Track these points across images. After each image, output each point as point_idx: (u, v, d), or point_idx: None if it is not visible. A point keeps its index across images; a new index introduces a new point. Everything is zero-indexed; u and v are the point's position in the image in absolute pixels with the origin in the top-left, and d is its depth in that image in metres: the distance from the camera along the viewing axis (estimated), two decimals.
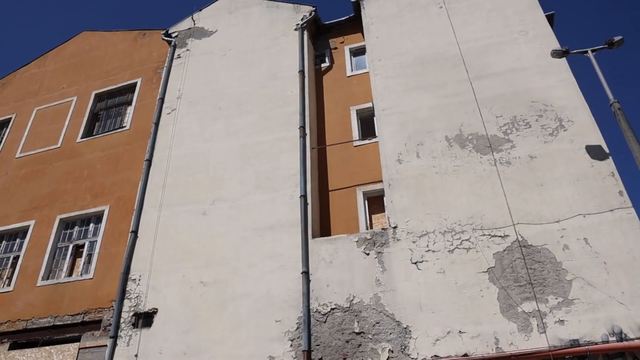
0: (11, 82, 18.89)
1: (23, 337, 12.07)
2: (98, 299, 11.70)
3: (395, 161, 10.58)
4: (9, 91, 18.59)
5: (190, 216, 11.62)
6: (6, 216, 14.65)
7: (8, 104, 18.15)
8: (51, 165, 15.19)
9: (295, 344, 9.29)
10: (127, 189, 13.27)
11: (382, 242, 9.77)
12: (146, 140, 13.83)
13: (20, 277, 13.04)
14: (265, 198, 11.23)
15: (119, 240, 12.34)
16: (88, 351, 11.03)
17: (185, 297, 10.54)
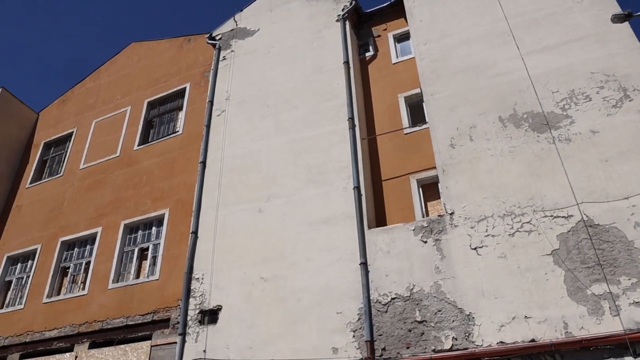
0: (70, 98, 19.80)
1: (100, 336, 12.70)
2: (165, 299, 12.14)
3: (447, 146, 10.36)
4: (69, 106, 19.50)
5: (247, 214, 11.83)
6: (75, 225, 15.42)
7: (69, 118, 19.04)
8: (112, 174, 15.85)
9: (357, 334, 9.31)
10: (185, 191, 13.66)
11: (440, 229, 9.62)
12: (199, 143, 14.18)
13: (93, 281, 13.73)
14: (318, 192, 11.28)
15: (181, 242, 12.74)
16: (159, 348, 11.48)
17: (247, 293, 10.77)
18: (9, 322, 14.65)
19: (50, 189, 17.24)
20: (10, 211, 17.76)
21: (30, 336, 13.93)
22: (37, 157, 18.83)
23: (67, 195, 16.51)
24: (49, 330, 13.67)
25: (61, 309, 13.85)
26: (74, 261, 14.97)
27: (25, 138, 19.71)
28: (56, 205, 16.53)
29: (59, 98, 20.12)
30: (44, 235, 15.98)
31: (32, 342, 13.83)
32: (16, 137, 19.36)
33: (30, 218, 16.93)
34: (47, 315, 14.03)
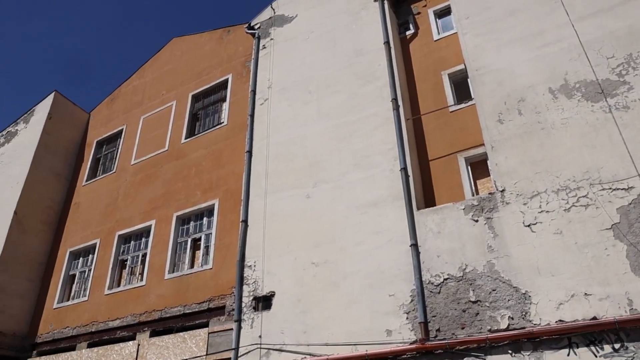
0: (118, 97, 20.40)
1: (159, 325, 13.17)
2: (219, 287, 12.43)
3: (495, 122, 10.07)
4: (118, 105, 20.09)
5: (295, 200, 11.92)
6: (130, 219, 15.97)
7: (118, 116, 19.64)
8: (162, 167, 16.27)
9: (410, 316, 9.27)
10: (233, 181, 13.89)
11: (491, 207, 9.41)
12: (244, 132, 14.34)
13: (150, 272, 14.21)
14: (365, 175, 11.23)
15: (232, 231, 12.99)
16: (216, 335, 11.79)
17: (298, 279, 10.89)
18: (76, 314, 15.40)
19: (105, 185, 17.90)
20: (69, 209, 18.57)
21: (96, 326, 14.60)
22: (90, 155, 19.55)
23: (121, 190, 17.09)
24: (112, 320, 14.28)
25: (122, 300, 14.43)
26: (131, 254, 15.54)
27: (79, 138, 20.48)
28: (111, 200, 17.15)
29: (108, 97, 20.76)
30: (102, 229, 16.64)
31: (97, 331, 14.50)
32: (70, 137, 20.15)
33: (88, 214, 17.65)
34: (110, 306, 14.65)
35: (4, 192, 18.42)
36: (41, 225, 17.99)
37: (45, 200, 18.44)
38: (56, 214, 18.61)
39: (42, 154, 18.83)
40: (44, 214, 18.21)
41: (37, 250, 17.62)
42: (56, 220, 18.53)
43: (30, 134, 19.56)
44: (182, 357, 12.01)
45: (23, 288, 16.78)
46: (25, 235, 17.38)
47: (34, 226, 17.73)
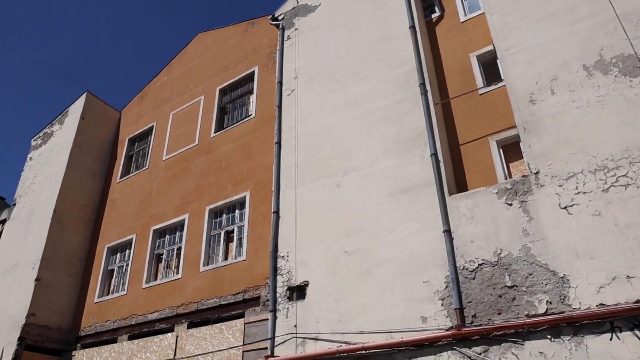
0: (147, 94, 20.71)
1: (196, 317, 13.41)
2: (254, 278, 12.56)
3: (527, 103, 9.81)
4: (147, 102, 20.40)
5: (325, 190, 11.92)
6: (165, 213, 16.25)
7: (148, 113, 19.94)
8: (193, 162, 16.48)
9: (446, 302, 9.19)
10: (263, 173, 13.97)
11: (525, 190, 9.20)
12: (272, 124, 14.38)
13: (186, 265, 14.46)
14: (395, 162, 11.13)
15: (264, 222, 13.08)
16: (252, 325, 11.93)
17: (331, 268, 10.91)
18: (116, 307, 15.81)
19: (138, 181, 18.25)
20: (105, 206, 19.02)
21: (135, 319, 14.96)
22: (123, 153, 19.95)
23: (154, 186, 17.39)
24: (151, 313, 14.61)
25: (159, 293, 14.73)
26: (167, 248, 15.83)
27: (112, 136, 20.90)
28: (145, 196, 17.48)
29: (137, 95, 21.10)
30: (137, 225, 16.99)
31: (137, 324, 14.86)
32: (103, 136, 20.59)
33: (123, 210, 18.05)
34: (148, 299, 14.99)
35: (43, 192, 18.98)
36: (79, 223, 18.49)
37: (82, 199, 18.92)
38: (93, 212, 19.09)
39: (77, 153, 19.29)
40: (81, 212, 18.70)
41: (77, 247, 18.13)
42: (93, 217, 19.01)
43: (65, 135, 20.07)
44: (220, 348, 12.21)
45: (65, 284, 17.32)
46: (65, 233, 17.90)
47: (72, 224, 18.24)
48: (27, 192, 19.96)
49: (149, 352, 13.84)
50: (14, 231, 19.09)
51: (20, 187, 20.65)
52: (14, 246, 18.52)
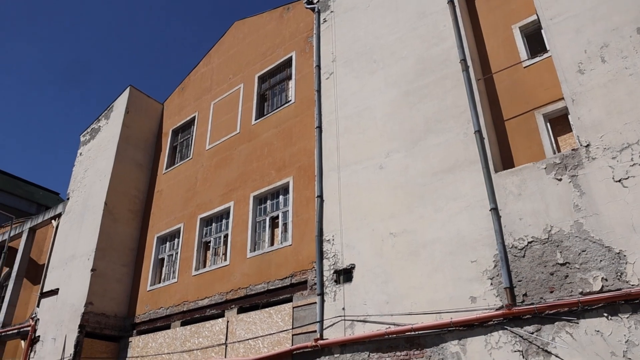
0: (188, 85, 21.03)
1: (246, 302, 13.68)
2: (300, 262, 12.69)
3: (575, 72, 9.41)
4: (188, 93, 20.73)
5: (368, 172, 11.86)
6: (210, 202, 16.57)
7: (190, 104, 20.28)
8: (236, 150, 16.69)
9: (495, 282, 9.04)
10: (305, 157, 14.01)
11: (575, 164, 8.89)
12: (312, 108, 14.38)
13: (233, 252, 14.73)
14: (438, 141, 10.95)
15: (308, 206, 13.15)
16: (301, 309, 12.07)
17: (377, 250, 10.89)
18: (168, 295, 16.31)
19: (183, 171, 18.65)
20: (153, 196, 19.55)
21: (187, 305, 15.39)
22: (167, 144, 20.40)
23: (199, 175, 17.73)
24: (201, 300, 14.99)
25: (209, 280, 15.09)
26: (214, 235, 16.16)
27: (156, 128, 21.40)
28: (191, 186, 17.86)
29: (178, 87, 21.47)
30: (185, 214, 17.40)
31: (189, 310, 15.29)
32: (148, 128, 21.10)
33: (170, 200, 18.51)
34: (198, 286, 15.38)
35: (94, 185, 19.66)
36: (129, 214, 19.10)
37: (131, 190, 19.51)
38: (142, 202, 19.67)
39: (123, 146, 19.86)
40: (131, 203, 19.30)
41: (128, 237, 18.75)
42: (142, 208, 19.59)
43: (111, 129, 20.67)
44: (269, 332, 12.43)
45: (119, 273, 17.97)
46: (117, 224, 18.53)
47: (123, 215, 18.85)
48: (79, 186, 20.73)
49: (201, 337, 14.24)
50: (69, 224, 19.91)
51: (72, 182, 21.47)
52: (70, 238, 19.32)
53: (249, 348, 12.76)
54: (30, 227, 22.41)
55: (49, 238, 21.61)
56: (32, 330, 18.35)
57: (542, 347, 8.14)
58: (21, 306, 21.34)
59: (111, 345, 16.94)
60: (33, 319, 18.73)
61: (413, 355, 9.53)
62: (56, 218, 21.21)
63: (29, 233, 22.36)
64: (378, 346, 10.07)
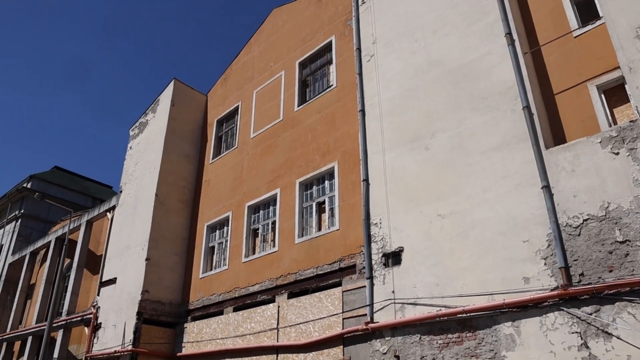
0: (230, 75, 21.24)
1: (295, 287, 13.83)
2: (348, 247, 12.70)
3: (633, 39, 8.85)
4: (231, 83, 20.95)
5: (414, 154, 11.69)
6: (257, 189, 16.78)
7: (233, 94, 20.50)
8: (280, 137, 16.78)
9: (549, 262, 8.77)
10: (349, 142, 13.94)
11: (633, 136, 8.45)
12: (354, 92, 14.26)
13: (281, 238, 14.89)
14: (485, 119, 10.65)
15: (354, 191, 13.11)
16: (350, 293, 12.11)
17: (426, 232, 10.76)
18: (220, 281, 16.69)
19: (229, 160, 18.93)
20: (201, 186, 19.96)
21: (238, 292, 15.71)
22: (213, 134, 20.74)
23: (245, 163, 17.96)
24: (252, 286, 15.26)
25: (259, 266, 15.33)
26: (262, 222, 16.38)
27: (201, 119, 21.77)
28: (237, 174, 18.12)
29: (221, 77, 21.73)
30: (232, 202, 17.70)
31: (240, 296, 15.61)
32: (193, 120, 21.50)
33: (218, 189, 18.85)
34: (248, 272, 15.65)
35: (144, 177, 20.25)
36: (179, 204, 19.59)
37: (180, 181, 19.99)
38: (190, 192, 20.13)
39: (171, 138, 20.32)
40: (180, 194, 19.78)
41: (179, 226, 19.26)
42: (191, 198, 20.05)
43: (158, 122, 21.18)
44: (320, 316, 12.54)
45: (172, 261, 18.51)
46: (168, 215, 19.05)
47: (173, 205, 19.36)
48: (131, 179, 21.40)
49: (253, 322, 14.52)
50: (123, 216, 20.62)
51: (124, 175, 22.18)
52: (125, 229, 20.02)
53: (301, 332, 12.92)
54: (87, 220, 23.37)
55: (105, 230, 22.46)
56: (94, 318, 19.21)
57: (602, 329, 7.86)
58: (83, 295, 22.38)
59: (168, 331, 17.53)
60: (94, 307, 19.60)
61: (465, 338, 9.41)
62: (111, 210, 22.01)
63: (86, 226, 23.33)
64: (429, 329, 9.99)
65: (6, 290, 29.72)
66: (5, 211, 35.17)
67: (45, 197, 25.43)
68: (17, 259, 29.99)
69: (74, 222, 23.90)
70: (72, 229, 23.79)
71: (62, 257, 23.09)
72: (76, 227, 23.87)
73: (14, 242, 31.42)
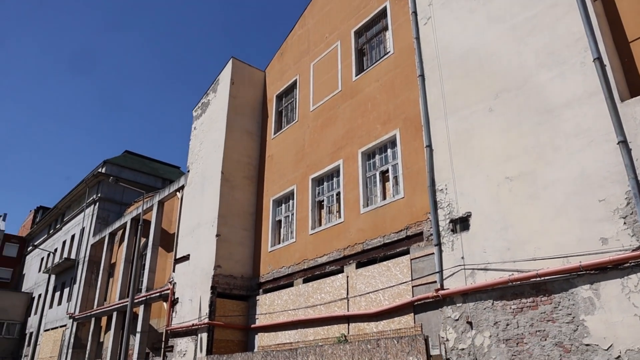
0: (286, 50, 21.28)
1: (363, 257, 13.94)
2: (414, 214, 12.61)
3: None
4: (288, 57, 21.00)
5: (477, 116, 11.35)
6: (320, 161, 16.90)
7: (290, 68, 20.56)
8: (339, 108, 16.74)
9: (629, 221, 8.33)
10: (410, 108, 13.71)
11: None
12: (413, 57, 13.94)
13: (346, 209, 14.99)
14: (552, 74, 10.13)
15: (417, 157, 12.95)
16: (419, 261, 12.07)
17: (494, 196, 10.49)
18: (288, 254, 17.07)
19: (291, 134, 19.12)
20: (265, 161, 20.33)
21: (307, 263, 16.03)
22: (273, 110, 20.97)
23: (306, 137, 18.09)
24: (320, 257, 15.51)
25: (325, 238, 15.53)
26: (326, 194, 16.53)
27: (260, 96, 22.04)
28: (299, 148, 18.30)
29: (277, 52, 21.81)
30: (296, 176, 17.94)
31: (309, 268, 15.92)
32: (253, 96, 21.80)
33: (281, 164, 19.14)
34: (315, 244, 15.91)
35: (210, 156, 20.85)
36: (245, 180, 20.08)
37: (244, 157, 20.44)
38: (255, 168, 20.56)
39: (233, 116, 20.74)
40: (245, 170, 20.25)
41: (246, 202, 19.78)
42: (256, 173, 20.49)
43: (220, 101, 21.64)
44: (389, 284, 12.60)
45: (241, 236, 19.10)
46: (234, 191, 19.59)
47: (239, 182, 19.87)
48: (197, 158, 22.10)
49: (323, 292, 14.80)
50: (192, 195, 21.39)
51: (190, 155, 22.93)
52: (194, 208, 20.80)
53: (370, 301, 13.06)
54: (158, 200, 24.45)
55: (176, 209, 23.42)
56: (171, 293, 20.23)
57: None
58: (160, 272, 23.57)
59: (241, 304, 18.20)
60: (171, 283, 20.61)
61: (540, 302, 9.18)
62: (180, 190, 22.89)
63: (158, 206, 24.42)
64: (502, 294, 9.82)
65: (90, 269, 31.81)
66: (84, 196, 37.36)
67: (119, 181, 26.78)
68: (97, 240, 31.96)
69: (147, 203, 25.06)
70: (146, 210, 24.96)
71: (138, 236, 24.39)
72: (149, 208, 25.03)
73: (94, 225, 33.44)
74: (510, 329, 9.49)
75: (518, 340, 9.31)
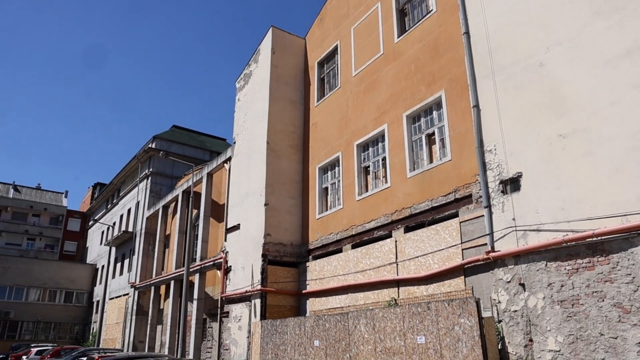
0: (325, 15, 20.92)
1: (411, 221, 13.82)
2: (462, 176, 12.34)
3: None
4: (327, 22, 20.66)
5: (527, 72, 10.85)
6: (364, 127, 16.72)
7: (330, 34, 20.23)
8: (382, 71, 16.41)
9: None
10: (455, 68, 13.27)
11: None
12: (457, 14, 13.42)
13: (392, 174, 14.84)
14: (609, 23, 9.52)
15: (464, 118, 12.59)
16: (468, 223, 11.86)
17: (546, 155, 10.10)
18: (336, 220, 17.15)
19: (334, 101, 18.95)
20: (309, 129, 20.30)
21: (355, 229, 16.06)
22: (315, 77, 20.79)
23: (349, 102, 17.89)
24: (367, 222, 15.50)
25: (372, 203, 15.47)
26: (372, 159, 16.39)
27: (302, 64, 21.86)
28: (343, 114, 18.14)
29: (317, 18, 21.47)
30: (341, 142, 17.84)
31: (357, 234, 15.96)
32: (294, 65, 21.65)
33: (325, 131, 19.06)
34: (363, 210, 15.89)
35: (255, 127, 20.99)
36: (290, 149, 20.15)
37: (288, 126, 20.47)
38: (299, 137, 20.57)
39: (275, 86, 20.70)
40: (289, 139, 20.31)
41: (292, 171, 19.90)
42: (300, 142, 20.51)
43: (262, 72, 21.61)
44: (438, 248, 12.48)
45: (289, 205, 19.30)
46: (280, 160, 19.72)
47: (284, 151, 19.97)
48: (242, 130, 22.30)
49: (372, 257, 14.83)
50: (239, 166, 21.69)
51: (235, 127, 23.16)
52: (242, 178, 21.11)
53: (420, 265, 12.99)
54: (207, 172, 24.94)
55: (224, 180, 23.85)
56: (224, 262, 20.79)
57: None
58: (212, 242, 24.22)
59: (292, 271, 18.51)
60: (223, 252, 21.17)
61: (597, 262, 8.87)
62: (227, 162, 23.25)
63: (207, 178, 24.93)
64: (555, 255, 9.55)
65: (147, 241, 33.08)
66: (137, 171, 38.58)
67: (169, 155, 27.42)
68: (152, 213, 33.10)
69: (196, 176, 25.63)
70: (195, 182, 25.55)
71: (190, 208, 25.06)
72: (199, 180, 25.60)
73: (147, 198, 34.59)
74: (565, 290, 9.25)
75: (574, 302, 9.07)
